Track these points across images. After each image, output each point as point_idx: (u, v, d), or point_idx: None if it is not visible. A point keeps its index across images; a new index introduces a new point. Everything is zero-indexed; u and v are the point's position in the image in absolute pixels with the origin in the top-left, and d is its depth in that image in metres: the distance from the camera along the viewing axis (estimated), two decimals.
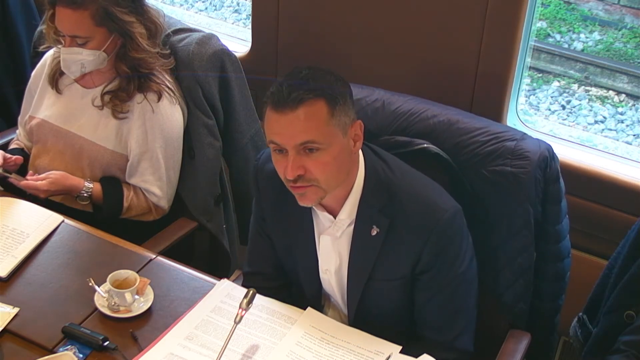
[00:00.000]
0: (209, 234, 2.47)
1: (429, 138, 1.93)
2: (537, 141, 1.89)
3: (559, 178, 1.90)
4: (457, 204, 1.78)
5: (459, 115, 1.96)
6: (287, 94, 1.63)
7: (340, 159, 1.70)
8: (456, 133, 1.93)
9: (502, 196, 1.88)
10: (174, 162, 2.30)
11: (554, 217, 1.93)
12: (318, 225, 1.85)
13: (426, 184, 1.81)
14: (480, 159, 1.89)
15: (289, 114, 1.63)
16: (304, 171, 1.67)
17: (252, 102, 2.47)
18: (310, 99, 1.63)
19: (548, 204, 1.90)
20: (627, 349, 1.73)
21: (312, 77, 1.67)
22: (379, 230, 1.77)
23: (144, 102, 2.22)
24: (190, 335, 1.80)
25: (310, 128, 1.64)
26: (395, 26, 2.45)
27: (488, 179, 1.88)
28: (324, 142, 1.65)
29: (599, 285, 1.96)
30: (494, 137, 1.89)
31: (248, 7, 5.20)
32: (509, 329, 2.01)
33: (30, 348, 1.77)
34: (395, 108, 1.99)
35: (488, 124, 1.94)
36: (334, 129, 1.66)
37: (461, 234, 1.78)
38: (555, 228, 1.94)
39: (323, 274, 1.89)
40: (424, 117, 1.96)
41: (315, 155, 1.66)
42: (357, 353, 1.76)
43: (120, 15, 2.13)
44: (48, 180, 2.20)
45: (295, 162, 1.66)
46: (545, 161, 1.85)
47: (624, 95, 4.73)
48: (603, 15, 5.21)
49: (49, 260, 2.01)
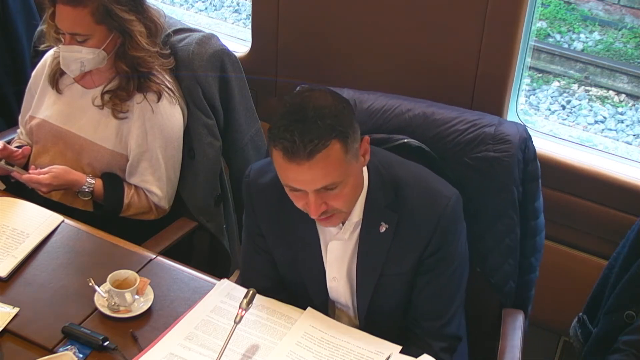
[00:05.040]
0: (209, 234, 2.47)
1: (406, 132, 1.95)
2: (514, 124, 1.93)
3: (535, 156, 1.94)
4: (455, 189, 1.80)
5: (432, 107, 1.98)
6: (301, 145, 1.56)
7: (357, 183, 1.71)
8: (433, 124, 1.95)
9: (486, 181, 1.91)
10: (174, 162, 2.30)
11: (533, 194, 1.96)
12: (324, 234, 1.84)
13: (423, 173, 1.82)
14: (461, 147, 1.91)
15: (305, 163, 1.59)
16: (327, 206, 1.68)
17: (252, 102, 2.47)
18: (326, 147, 1.58)
19: (527, 183, 1.94)
20: (627, 349, 1.73)
21: (320, 115, 1.59)
22: (387, 226, 1.77)
23: (144, 103, 2.22)
24: (190, 335, 1.80)
25: (329, 173, 1.62)
26: (395, 26, 2.45)
27: (471, 166, 1.91)
28: (343, 179, 1.64)
29: (599, 285, 1.96)
30: (471, 124, 1.92)
31: (248, 7, 5.19)
32: (501, 308, 2.04)
33: (30, 348, 1.77)
34: (367, 106, 2.00)
35: (462, 112, 1.97)
36: (349, 163, 1.64)
37: (461, 219, 1.82)
38: (534, 205, 1.97)
39: (331, 282, 1.88)
40: (398, 112, 1.97)
41: (336, 192, 1.66)
42: (357, 353, 1.76)
43: (120, 13, 2.13)
44: (50, 174, 2.20)
45: (317, 202, 1.66)
46: (525, 142, 1.90)
47: (624, 95, 4.72)
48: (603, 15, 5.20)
49: (49, 260, 2.01)
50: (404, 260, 1.80)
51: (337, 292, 1.89)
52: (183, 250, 2.36)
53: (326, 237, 1.84)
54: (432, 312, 1.83)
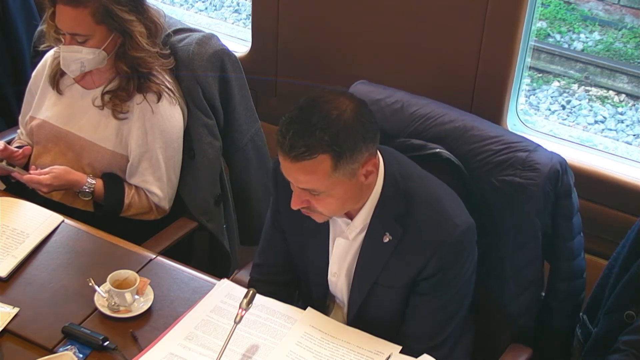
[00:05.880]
0: (209, 234, 2.47)
1: (443, 143, 1.91)
2: (550, 154, 1.85)
3: (571, 193, 1.86)
4: (470, 218, 1.76)
5: (474, 122, 1.94)
6: (289, 146, 1.57)
7: (345, 197, 1.69)
8: (470, 140, 1.90)
9: (510, 207, 1.86)
10: (174, 163, 2.30)
11: (565, 232, 1.89)
12: (334, 228, 1.84)
13: (442, 194, 1.79)
14: (491, 167, 1.86)
15: (289, 164, 1.61)
16: (308, 204, 1.68)
17: (252, 102, 2.47)
18: (313, 158, 1.58)
19: (559, 219, 1.87)
20: (627, 349, 1.73)
21: (322, 127, 1.57)
22: (391, 238, 1.76)
23: (144, 103, 2.22)
24: (190, 335, 1.80)
25: (311, 180, 1.62)
26: (395, 26, 2.45)
27: (497, 188, 1.86)
28: (325, 190, 1.64)
29: (599, 285, 1.96)
30: (507, 146, 1.86)
31: (248, 7, 5.19)
32: (511, 343, 1.99)
33: (30, 348, 1.78)
34: (413, 111, 1.97)
35: (504, 133, 1.92)
36: (337, 179, 1.63)
37: (469, 250, 1.78)
38: (567, 245, 1.90)
39: (331, 277, 1.89)
40: (441, 121, 1.94)
41: (319, 197, 1.66)
42: (357, 353, 1.76)
43: (120, 14, 2.13)
44: (51, 174, 2.20)
45: (299, 197, 1.67)
46: (557, 174, 1.81)
47: (624, 95, 4.72)
48: (603, 15, 5.20)
49: (49, 260, 2.01)
50: (400, 275, 1.79)
51: (335, 287, 1.90)
52: (183, 250, 2.36)
53: (335, 232, 1.84)
54: (422, 334, 1.81)
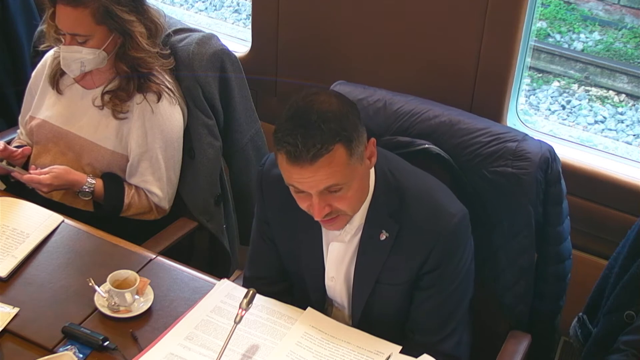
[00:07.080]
0: (209, 234, 2.47)
1: (431, 138, 1.93)
2: (539, 142, 1.89)
3: (560, 179, 1.90)
4: (463, 207, 1.77)
5: (460, 116, 1.96)
6: (304, 150, 1.57)
7: (362, 186, 1.71)
8: (457, 134, 1.92)
9: (503, 197, 1.88)
10: (174, 163, 2.30)
11: (555, 218, 1.92)
12: (327, 233, 1.84)
13: (433, 186, 1.80)
14: (481, 159, 1.89)
15: (309, 167, 1.59)
16: (330, 208, 1.68)
17: (252, 102, 2.47)
18: (330, 151, 1.59)
19: (549, 205, 1.90)
20: (627, 349, 1.73)
21: (323, 119, 1.58)
22: (388, 235, 1.76)
23: (144, 103, 2.22)
24: (190, 335, 1.80)
25: (332, 175, 1.61)
26: (395, 26, 2.45)
27: (489, 179, 1.88)
28: (347, 181, 1.64)
29: (599, 285, 1.96)
30: (495, 138, 1.89)
31: (248, 7, 5.20)
32: (509, 330, 2.01)
33: (30, 348, 1.77)
34: (397, 108, 1.99)
35: (489, 125, 1.94)
36: (354, 166, 1.64)
37: (466, 238, 1.78)
38: (557, 229, 1.93)
39: (329, 281, 1.88)
40: (426, 117, 1.96)
41: (340, 194, 1.66)
42: (357, 353, 1.76)
43: (120, 14, 2.13)
44: (51, 174, 2.20)
45: (321, 204, 1.66)
46: (547, 162, 1.85)
47: (624, 95, 4.73)
48: (603, 15, 5.21)
49: (49, 260, 2.01)
50: (400, 272, 1.79)
51: (334, 291, 1.89)
52: (183, 250, 2.36)
53: (328, 237, 1.84)
54: (429, 327, 1.82)
